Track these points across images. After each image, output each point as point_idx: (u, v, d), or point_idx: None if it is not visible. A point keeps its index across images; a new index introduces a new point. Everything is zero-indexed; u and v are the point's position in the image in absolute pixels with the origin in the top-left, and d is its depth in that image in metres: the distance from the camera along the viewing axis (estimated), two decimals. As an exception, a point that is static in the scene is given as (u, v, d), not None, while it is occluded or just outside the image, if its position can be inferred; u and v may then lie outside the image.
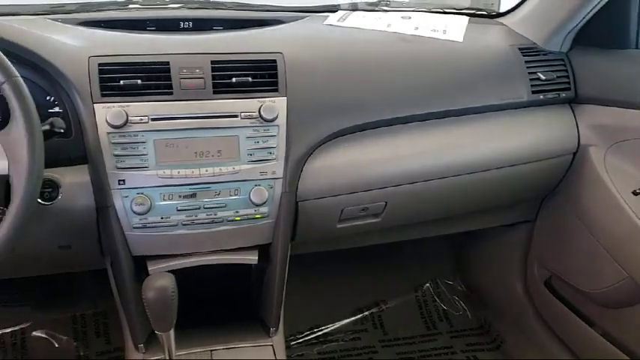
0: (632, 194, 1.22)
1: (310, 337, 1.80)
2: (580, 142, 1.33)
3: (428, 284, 1.96)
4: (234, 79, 1.04)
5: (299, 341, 1.78)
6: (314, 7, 1.39)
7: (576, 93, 1.34)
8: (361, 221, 1.24)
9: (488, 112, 1.27)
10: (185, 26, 1.20)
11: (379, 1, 1.49)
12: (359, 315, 1.87)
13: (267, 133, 1.05)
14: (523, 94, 1.28)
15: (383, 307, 1.89)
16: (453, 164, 1.23)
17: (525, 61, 1.30)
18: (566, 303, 1.49)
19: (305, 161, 1.10)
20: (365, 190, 1.17)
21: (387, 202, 1.21)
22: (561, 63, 1.34)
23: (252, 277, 1.29)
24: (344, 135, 1.15)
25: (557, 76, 1.32)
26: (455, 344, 1.82)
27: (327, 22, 1.30)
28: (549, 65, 1.33)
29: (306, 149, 1.10)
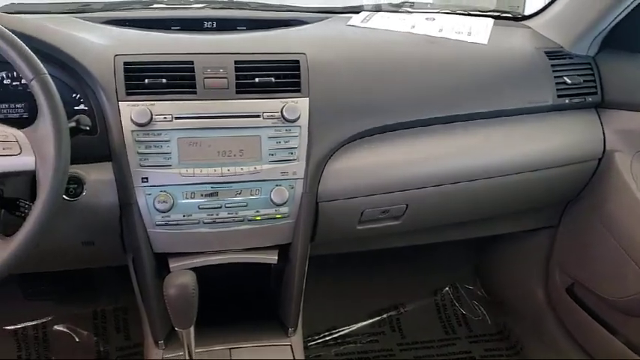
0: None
1: (328, 338, 1.80)
2: (606, 148, 1.31)
3: (447, 288, 1.94)
4: (257, 79, 1.04)
5: (317, 342, 1.78)
6: (337, 7, 1.39)
7: (603, 97, 1.32)
8: (381, 223, 1.23)
9: (512, 115, 1.26)
10: (209, 26, 1.21)
11: (403, 3, 1.48)
12: (377, 317, 1.86)
13: (289, 133, 1.05)
14: (548, 98, 1.27)
15: (401, 310, 1.88)
16: (475, 168, 1.22)
17: (551, 65, 1.28)
18: (589, 310, 1.46)
19: (326, 162, 1.10)
20: (386, 192, 1.16)
21: (407, 205, 1.20)
22: (588, 67, 1.32)
23: (271, 277, 1.29)
24: (365, 136, 1.14)
25: (584, 80, 1.30)
26: (473, 349, 1.81)
27: (350, 22, 1.29)
28: (576, 69, 1.31)
29: (328, 150, 1.10)
